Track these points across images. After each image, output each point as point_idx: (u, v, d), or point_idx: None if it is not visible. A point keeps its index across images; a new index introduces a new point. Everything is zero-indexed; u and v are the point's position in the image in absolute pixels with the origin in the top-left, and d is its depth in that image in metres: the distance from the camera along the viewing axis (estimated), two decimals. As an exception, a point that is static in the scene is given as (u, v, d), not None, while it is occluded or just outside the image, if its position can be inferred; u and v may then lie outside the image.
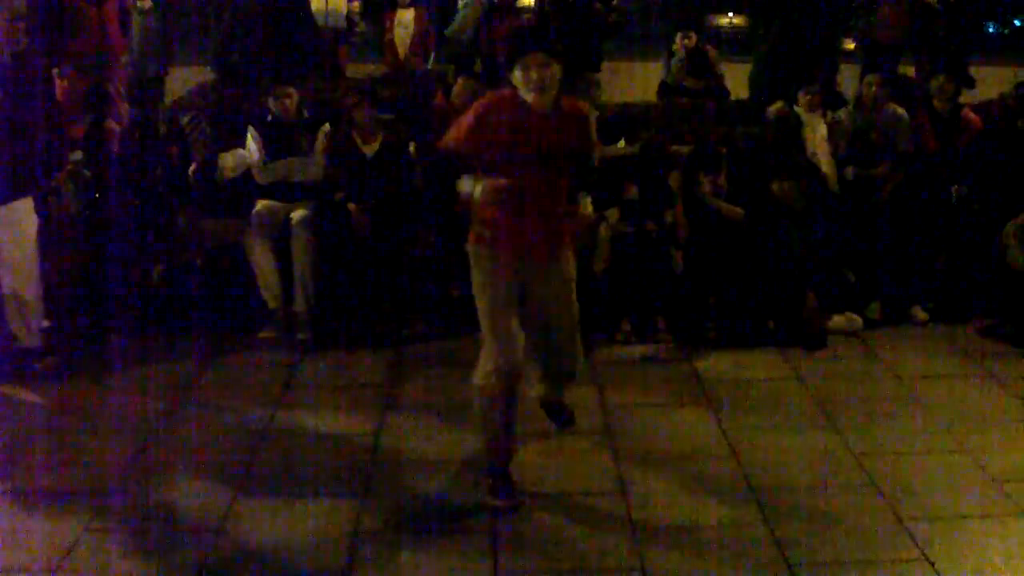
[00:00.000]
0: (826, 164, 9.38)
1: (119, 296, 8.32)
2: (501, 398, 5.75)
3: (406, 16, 13.31)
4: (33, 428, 6.91)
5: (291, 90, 8.80)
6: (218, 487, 6.05)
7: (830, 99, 10.16)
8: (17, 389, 7.44)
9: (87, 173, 8.56)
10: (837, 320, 8.54)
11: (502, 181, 5.75)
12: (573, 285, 6.09)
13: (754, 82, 11.05)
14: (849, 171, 9.21)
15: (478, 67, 8.91)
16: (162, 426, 6.92)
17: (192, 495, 5.97)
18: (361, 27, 13.45)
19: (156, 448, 6.59)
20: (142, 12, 12.69)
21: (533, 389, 6.53)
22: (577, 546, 5.43)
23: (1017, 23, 24.80)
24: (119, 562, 5.32)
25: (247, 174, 8.85)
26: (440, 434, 6.75)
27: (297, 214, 8.46)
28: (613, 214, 8.64)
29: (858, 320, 8.57)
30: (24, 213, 7.55)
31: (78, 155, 8.58)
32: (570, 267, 6.06)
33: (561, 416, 6.74)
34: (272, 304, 8.48)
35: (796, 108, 9.62)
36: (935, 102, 9.61)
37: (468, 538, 5.51)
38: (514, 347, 5.78)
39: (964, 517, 5.69)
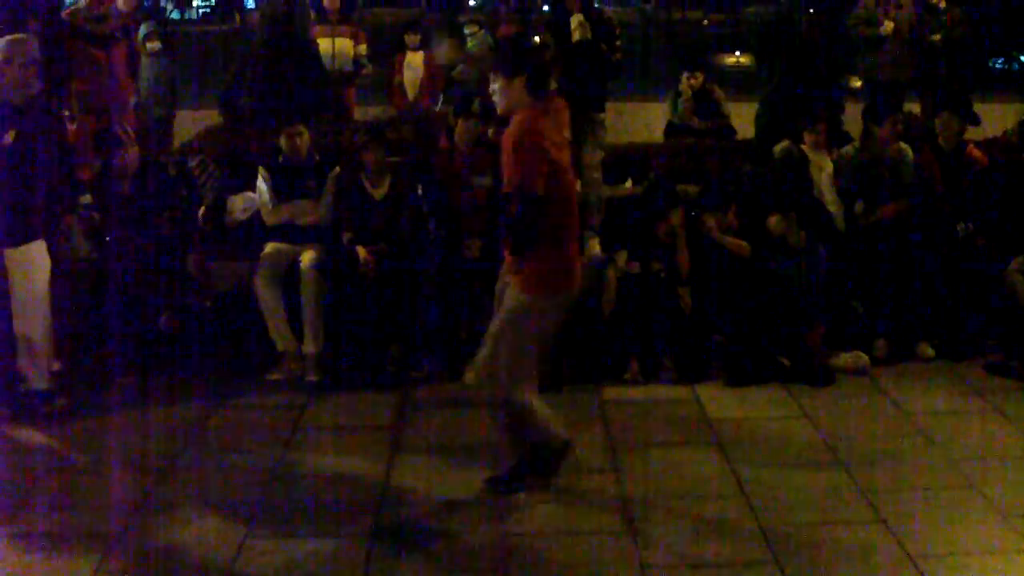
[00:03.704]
0: (832, 203, 9.40)
1: (128, 338, 8.36)
2: None
3: (415, 59, 13.41)
4: (42, 470, 6.93)
5: (303, 128, 8.84)
6: (228, 528, 6.06)
7: (836, 137, 10.19)
8: (27, 430, 7.45)
9: (96, 216, 8.61)
10: (844, 358, 8.54)
11: None
12: (516, 316, 6.02)
13: (760, 121, 11.08)
14: (859, 206, 9.22)
15: (475, 107, 8.90)
16: (171, 467, 6.93)
17: (202, 536, 5.98)
18: (368, 70, 13.53)
19: (165, 490, 6.60)
20: (150, 55, 12.78)
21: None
22: (586, 585, 5.45)
23: (1023, 59, 24.87)
24: (129, 603, 5.34)
25: (256, 217, 8.90)
26: (450, 474, 6.75)
27: (306, 256, 8.49)
28: (621, 256, 8.67)
29: (865, 358, 8.57)
30: (36, 256, 7.58)
31: (87, 198, 8.63)
32: (521, 296, 6.01)
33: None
34: (281, 346, 8.50)
35: (802, 147, 9.66)
36: (940, 139, 9.63)
37: (477, 577, 5.53)
38: None
39: (973, 553, 5.70)
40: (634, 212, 9.05)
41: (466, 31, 14.40)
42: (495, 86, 5.97)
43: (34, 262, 7.59)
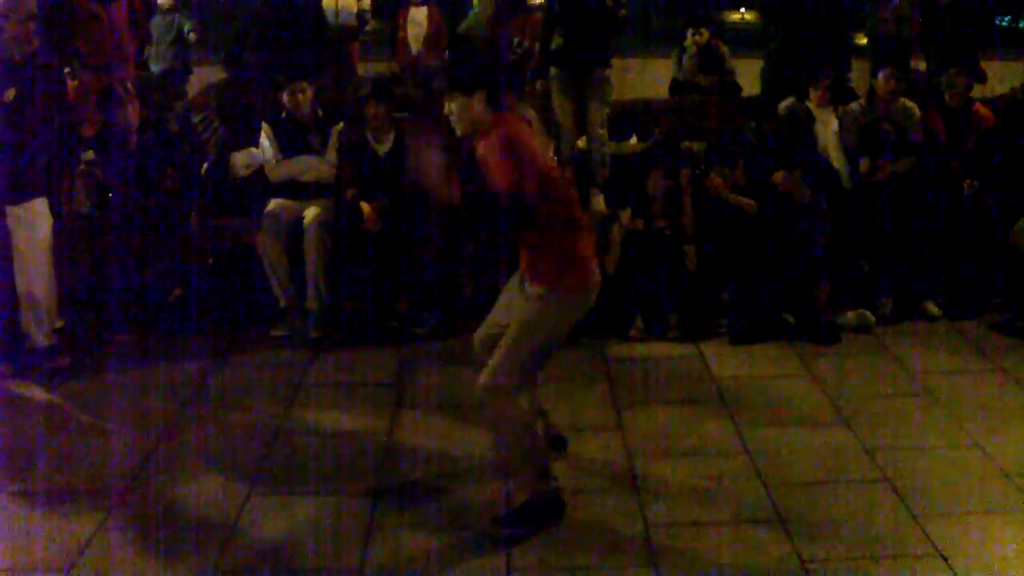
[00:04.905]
0: (837, 160, 9.38)
1: (131, 295, 8.35)
2: None
3: (419, 14, 13.31)
4: (44, 427, 6.92)
5: (305, 85, 8.79)
6: (231, 485, 6.06)
7: (841, 94, 10.15)
8: (30, 388, 7.46)
9: (98, 173, 8.58)
10: (849, 316, 8.52)
11: None
12: (531, 320, 5.50)
13: (765, 78, 11.03)
14: (865, 163, 9.19)
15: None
16: (174, 425, 6.94)
17: (205, 493, 5.99)
18: (372, 25, 13.43)
19: (168, 447, 6.61)
20: (160, 11, 12.69)
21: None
22: (589, 542, 5.44)
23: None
24: (132, 561, 5.33)
25: (259, 173, 8.86)
26: (452, 431, 6.76)
27: (309, 213, 8.46)
28: (625, 213, 8.65)
29: (870, 316, 8.55)
30: (39, 213, 7.56)
31: (89, 155, 8.60)
32: (536, 298, 5.51)
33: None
34: (284, 302, 8.49)
35: (807, 103, 9.62)
36: (946, 97, 9.60)
37: (481, 534, 5.51)
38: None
39: (977, 512, 5.69)
40: (639, 169, 9.02)
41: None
42: (452, 106, 5.48)
43: (36, 219, 7.57)
